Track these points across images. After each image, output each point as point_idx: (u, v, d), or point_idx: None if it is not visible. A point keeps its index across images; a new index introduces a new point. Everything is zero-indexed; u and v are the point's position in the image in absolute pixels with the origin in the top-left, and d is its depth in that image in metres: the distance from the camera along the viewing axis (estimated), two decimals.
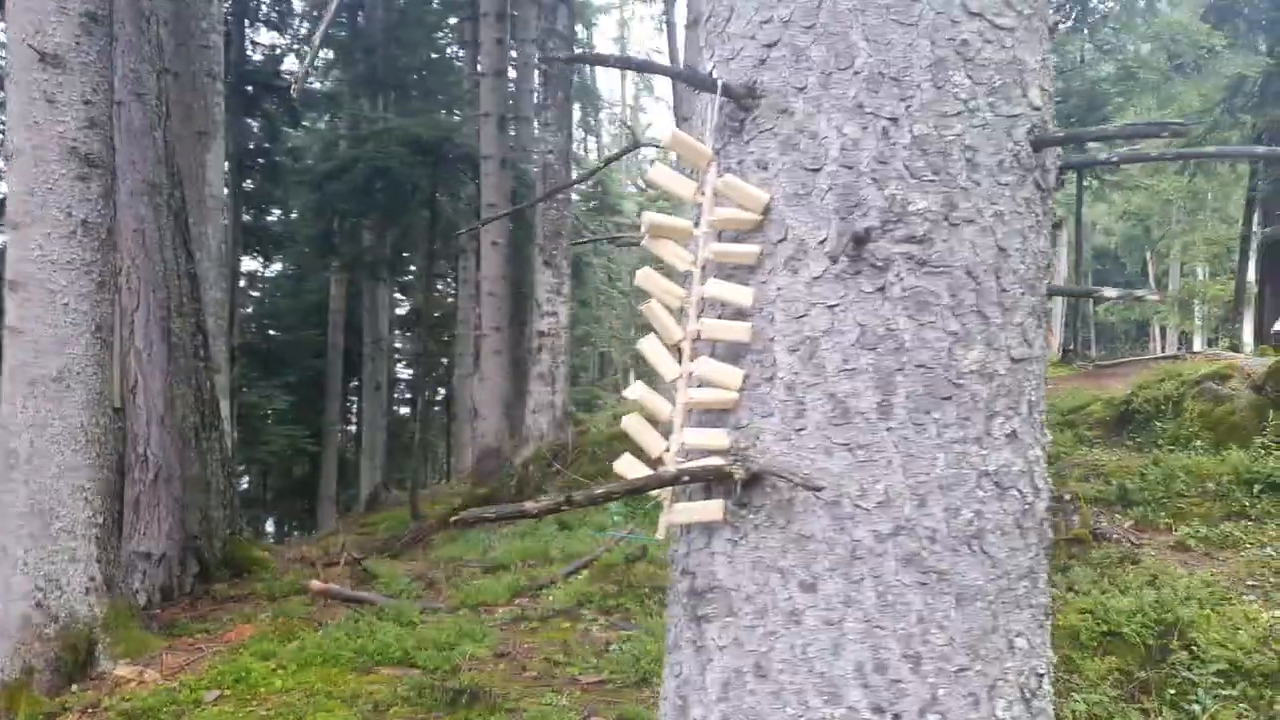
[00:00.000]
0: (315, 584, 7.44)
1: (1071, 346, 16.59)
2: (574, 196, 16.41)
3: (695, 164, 1.59)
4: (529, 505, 1.24)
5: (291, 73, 22.42)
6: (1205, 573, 5.77)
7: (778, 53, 1.55)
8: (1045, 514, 1.57)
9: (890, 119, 1.49)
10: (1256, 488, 6.54)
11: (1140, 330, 32.14)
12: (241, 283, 22.18)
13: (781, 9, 1.56)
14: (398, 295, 26.13)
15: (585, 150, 33.38)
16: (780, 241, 1.53)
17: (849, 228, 1.46)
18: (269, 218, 24.22)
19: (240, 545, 8.78)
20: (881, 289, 1.47)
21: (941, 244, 1.47)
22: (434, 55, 23.70)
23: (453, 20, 23.75)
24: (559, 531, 9.57)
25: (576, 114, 19.45)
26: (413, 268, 24.64)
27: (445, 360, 25.72)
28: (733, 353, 1.56)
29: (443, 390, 27.39)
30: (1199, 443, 7.34)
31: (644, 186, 28.73)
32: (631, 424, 1.50)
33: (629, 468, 1.49)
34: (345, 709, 4.82)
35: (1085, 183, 17.34)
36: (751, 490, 1.50)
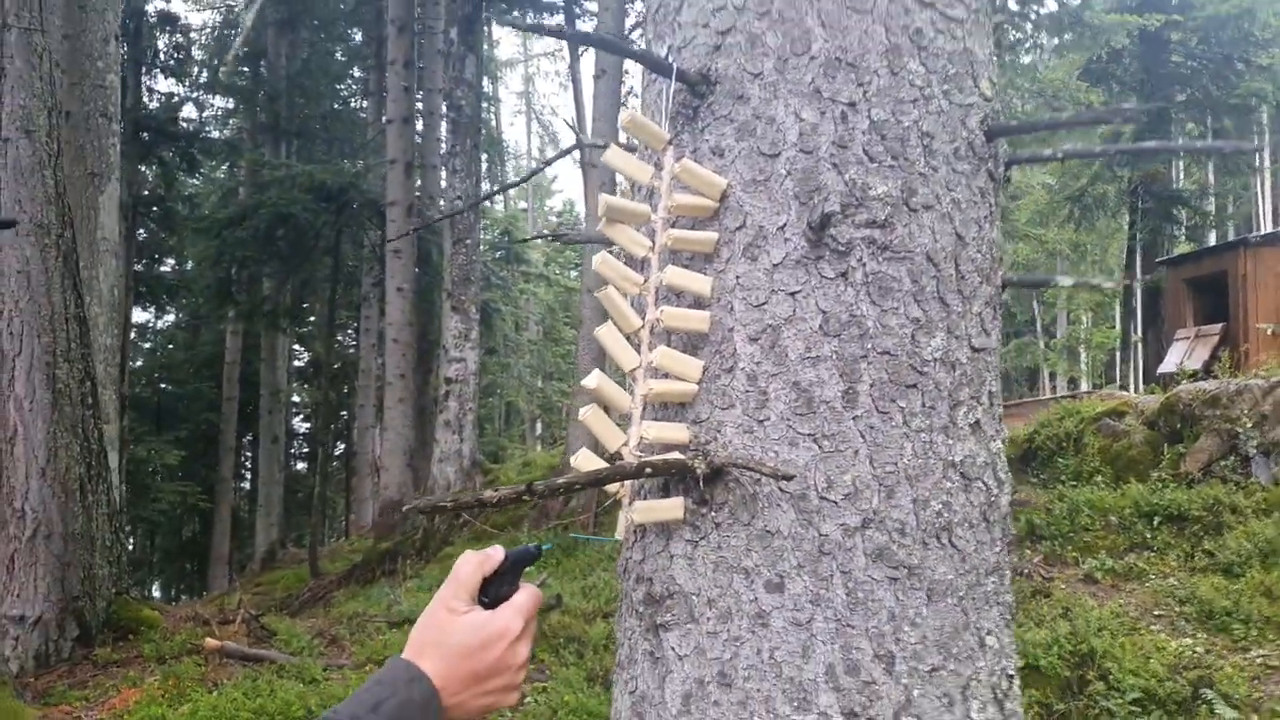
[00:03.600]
0: (210, 641, 7.04)
1: None
2: (481, 244, 16.29)
3: (653, 148, 1.54)
4: (488, 494, 1.14)
5: (190, 120, 21.91)
6: (1114, 603, 5.90)
7: (733, 39, 1.52)
8: (1008, 508, 1.54)
9: (848, 104, 1.46)
10: (1156, 519, 6.75)
11: (1031, 376, 33.46)
12: (131, 335, 21.33)
13: None
14: (296, 346, 25.48)
15: (491, 201, 33.30)
16: (739, 229, 1.48)
17: (809, 212, 1.43)
18: (163, 268, 23.51)
19: (127, 605, 8.22)
20: (844, 274, 1.43)
21: (902, 229, 1.45)
22: (337, 106, 23.56)
23: (357, 73, 23.68)
24: None
25: (484, 165, 19.47)
26: (313, 318, 24.10)
27: (345, 413, 25.09)
28: (692, 343, 1.50)
29: (342, 444, 26.66)
30: (1100, 478, 7.56)
31: (550, 237, 28.73)
32: (589, 416, 1.42)
33: (587, 461, 1.40)
34: None
35: None
36: (713, 486, 1.42)
